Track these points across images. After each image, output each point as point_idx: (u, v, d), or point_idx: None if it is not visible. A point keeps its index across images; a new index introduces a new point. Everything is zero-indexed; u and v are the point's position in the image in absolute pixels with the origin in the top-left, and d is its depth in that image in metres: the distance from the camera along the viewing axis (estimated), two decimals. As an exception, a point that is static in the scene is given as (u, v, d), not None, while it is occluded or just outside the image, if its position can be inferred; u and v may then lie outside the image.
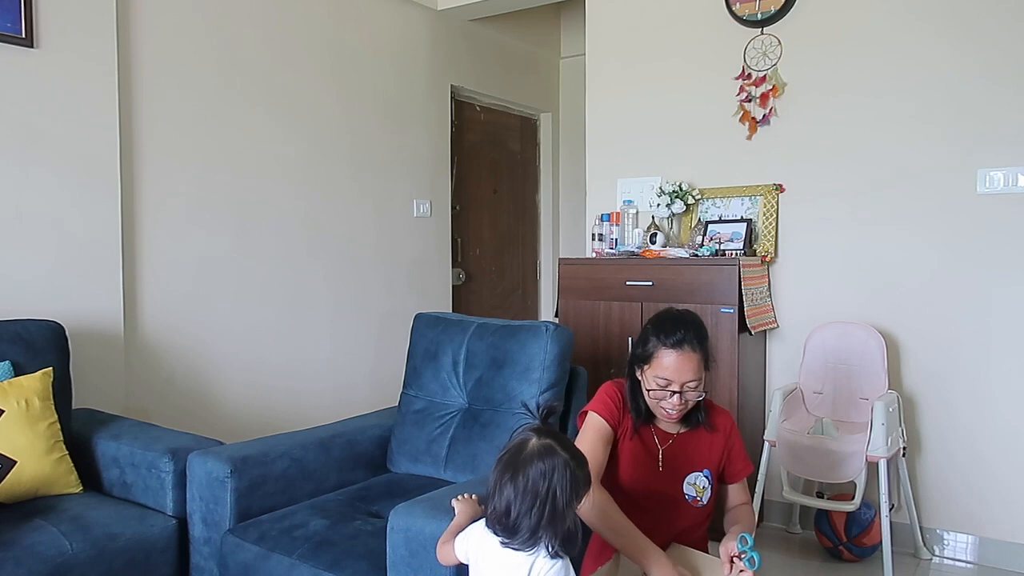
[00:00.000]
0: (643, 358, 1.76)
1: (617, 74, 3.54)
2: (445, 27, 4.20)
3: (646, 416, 1.80)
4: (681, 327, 1.72)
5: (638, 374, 1.78)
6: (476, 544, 1.41)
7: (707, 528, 1.88)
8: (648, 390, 1.74)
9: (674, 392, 1.70)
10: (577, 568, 1.78)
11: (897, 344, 2.91)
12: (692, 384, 1.71)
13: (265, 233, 3.30)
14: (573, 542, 1.32)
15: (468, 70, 4.39)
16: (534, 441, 1.33)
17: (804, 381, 2.95)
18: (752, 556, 1.56)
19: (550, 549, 1.30)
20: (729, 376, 2.86)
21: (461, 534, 1.48)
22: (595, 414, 1.79)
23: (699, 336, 1.73)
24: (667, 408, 1.73)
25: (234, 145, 3.16)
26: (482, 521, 1.41)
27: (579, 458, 1.36)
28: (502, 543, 1.33)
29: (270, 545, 1.89)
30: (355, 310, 3.73)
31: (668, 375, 1.70)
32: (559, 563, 1.32)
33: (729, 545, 1.60)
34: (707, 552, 1.79)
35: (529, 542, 1.30)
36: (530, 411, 1.48)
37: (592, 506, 1.59)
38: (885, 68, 2.90)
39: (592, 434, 1.77)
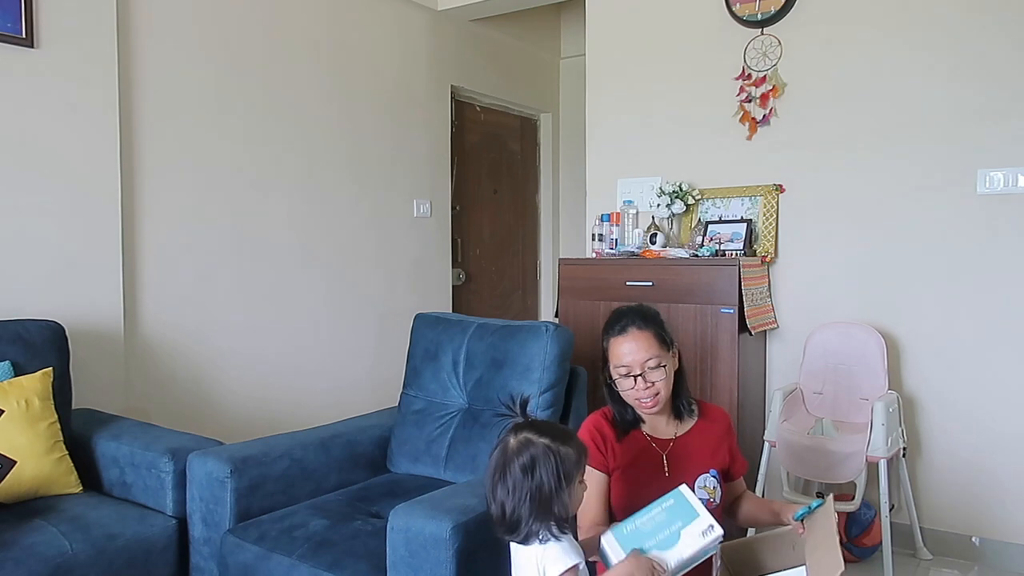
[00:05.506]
0: (603, 360, 1.80)
1: (617, 74, 3.54)
2: (445, 27, 4.20)
3: (633, 422, 1.80)
4: (622, 316, 1.79)
5: (610, 381, 1.80)
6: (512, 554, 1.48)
7: None
8: (614, 380, 1.76)
9: (636, 375, 1.72)
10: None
11: (897, 344, 2.91)
12: (651, 363, 1.72)
13: (265, 233, 3.29)
14: (566, 522, 1.39)
15: (468, 70, 4.39)
16: (512, 440, 1.40)
17: (804, 381, 2.95)
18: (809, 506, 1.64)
19: (540, 536, 1.37)
20: (729, 376, 2.86)
21: None
22: (588, 466, 1.77)
23: (643, 317, 1.78)
24: (639, 397, 1.73)
25: (234, 145, 3.16)
26: None
27: (562, 436, 1.41)
28: (511, 542, 1.41)
29: (270, 545, 1.89)
30: (355, 310, 3.73)
31: (624, 361, 1.73)
32: (550, 544, 1.37)
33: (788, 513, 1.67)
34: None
35: (533, 534, 1.37)
36: (511, 409, 1.51)
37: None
38: (885, 68, 2.90)
39: (589, 488, 1.75)
